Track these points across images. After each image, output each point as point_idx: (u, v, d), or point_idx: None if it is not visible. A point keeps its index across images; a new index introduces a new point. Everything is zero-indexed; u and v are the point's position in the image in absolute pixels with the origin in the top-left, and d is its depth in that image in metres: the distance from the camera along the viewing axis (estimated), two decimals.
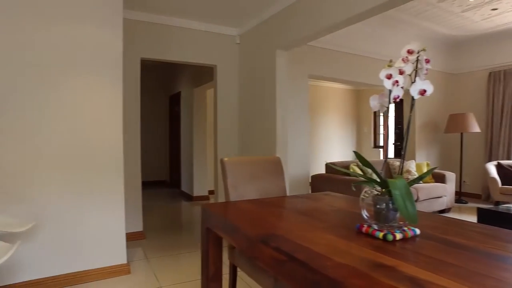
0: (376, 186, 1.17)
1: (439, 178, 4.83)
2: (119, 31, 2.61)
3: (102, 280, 2.52)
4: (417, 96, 1.12)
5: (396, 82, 1.14)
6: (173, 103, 7.29)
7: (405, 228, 1.11)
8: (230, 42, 4.27)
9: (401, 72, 1.14)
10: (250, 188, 1.96)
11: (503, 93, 5.47)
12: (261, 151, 3.83)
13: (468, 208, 5.08)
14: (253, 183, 1.98)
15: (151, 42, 3.76)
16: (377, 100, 1.23)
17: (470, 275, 0.78)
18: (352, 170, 4.33)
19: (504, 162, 5.10)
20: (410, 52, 1.13)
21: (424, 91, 1.11)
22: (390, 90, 1.16)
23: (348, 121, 8.46)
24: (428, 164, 5.03)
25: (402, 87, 1.15)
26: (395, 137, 7.51)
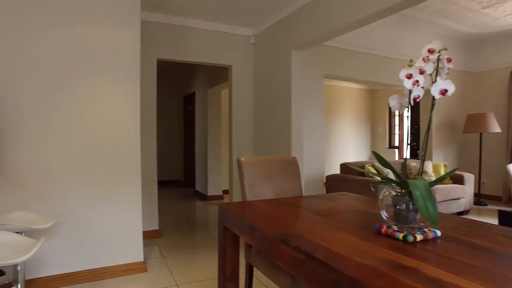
0: (395, 187, 1.16)
1: (457, 180, 4.72)
2: (137, 32, 2.66)
3: (120, 277, 2.58)
4: (438, 96, 1.11)
5: (417, 82, 1.13)
6: (187, 103, 7.36)
7: (425, 229, 1.10)
8: (245, 42, 4.29)
9: (421, 71, 1.12)
10: (266, 187, 1.97)
11: None
12: (276, 151, 3.84)
13: (488, 211, 4.96)
14: (269, 183, 1.99)
15: (167, 43, 3.81)
16: (396, 100, 1.22)
17: (494, 278, 0.77)
18: (367, 170, 4.28)
19: None
20: (431, 51, 1.12)
21: (446, 90, 1.10)
22: (410, 90, 1.15)
23: (362, 121, 8.37)
24: (445, 165, 4.93)
25: (423, 87, 1.13)
26: (411, 137, 7.39)
